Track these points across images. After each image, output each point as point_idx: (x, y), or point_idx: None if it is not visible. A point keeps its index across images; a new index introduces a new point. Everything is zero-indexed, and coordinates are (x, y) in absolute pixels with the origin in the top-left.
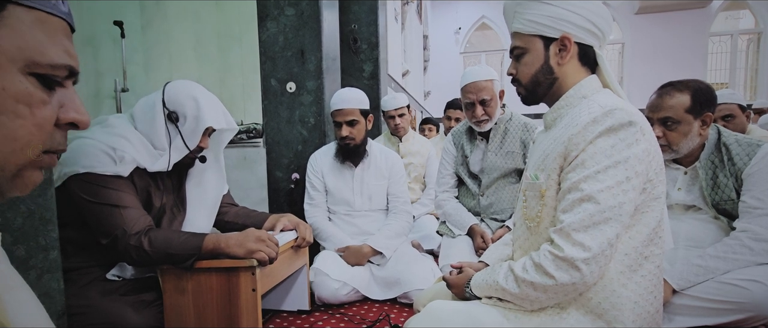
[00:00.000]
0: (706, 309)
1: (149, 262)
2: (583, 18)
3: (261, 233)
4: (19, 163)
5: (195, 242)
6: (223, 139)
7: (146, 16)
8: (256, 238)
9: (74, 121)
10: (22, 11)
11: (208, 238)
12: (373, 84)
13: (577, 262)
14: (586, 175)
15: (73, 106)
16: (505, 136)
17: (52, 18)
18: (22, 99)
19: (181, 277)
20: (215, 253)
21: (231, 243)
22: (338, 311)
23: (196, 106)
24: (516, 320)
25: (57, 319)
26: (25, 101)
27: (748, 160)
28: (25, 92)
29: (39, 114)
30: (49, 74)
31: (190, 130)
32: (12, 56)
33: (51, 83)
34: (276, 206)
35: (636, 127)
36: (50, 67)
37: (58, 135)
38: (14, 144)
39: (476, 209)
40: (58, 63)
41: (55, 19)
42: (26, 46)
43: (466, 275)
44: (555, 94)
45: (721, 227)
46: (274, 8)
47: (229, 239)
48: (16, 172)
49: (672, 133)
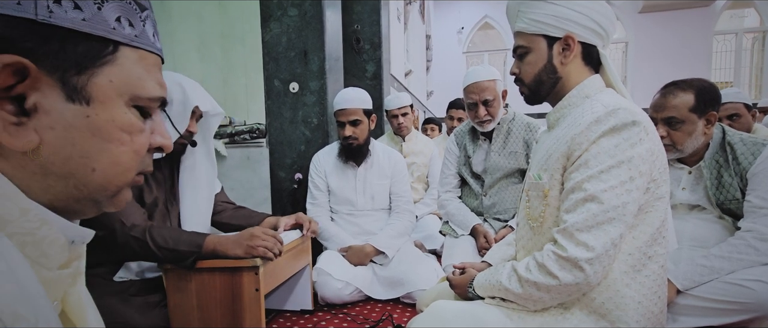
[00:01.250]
0: (711, 309)
1: (151, 255)
2: (587, 17)
3: (255, 230)
4: (120, 185)
5: (197, 240)
6: (211, 126)
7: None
8: (251, 235)
9: (161, 146)
10: (130, 51)
11: (209, 239)
12: (376, 84)
13: (580, 262)
14: (589, 175)
15: (160, 131)
16: (508, 136)
17: (151, 55)
18: (126, 128)
19: (185, 277)
20: (215, 254)
21: (229, 245)
22: (341, 311)
23: (181, 91)
24: (519, 320)
25: None
26: (128, 130)
27: (753, 160)
28: (129, 123)
29: (137, 141)
30: (146, 106)
31: (178, 113)
32: (121, 91)
33: (146, 113)
34: (279, 206)
35: (639, 126)
36: (148, 99)
37: (147, 158)
38: (117, 168)
39: (479, 209)
40: (155, 96)
41: (153, 55)
42: (131, 82)
43: (469, 275)
44: (558, 94)
45: (725, 227)
46: (277, 9)
47: (227, 240)
48: (116, 192)
49: (676, 133)
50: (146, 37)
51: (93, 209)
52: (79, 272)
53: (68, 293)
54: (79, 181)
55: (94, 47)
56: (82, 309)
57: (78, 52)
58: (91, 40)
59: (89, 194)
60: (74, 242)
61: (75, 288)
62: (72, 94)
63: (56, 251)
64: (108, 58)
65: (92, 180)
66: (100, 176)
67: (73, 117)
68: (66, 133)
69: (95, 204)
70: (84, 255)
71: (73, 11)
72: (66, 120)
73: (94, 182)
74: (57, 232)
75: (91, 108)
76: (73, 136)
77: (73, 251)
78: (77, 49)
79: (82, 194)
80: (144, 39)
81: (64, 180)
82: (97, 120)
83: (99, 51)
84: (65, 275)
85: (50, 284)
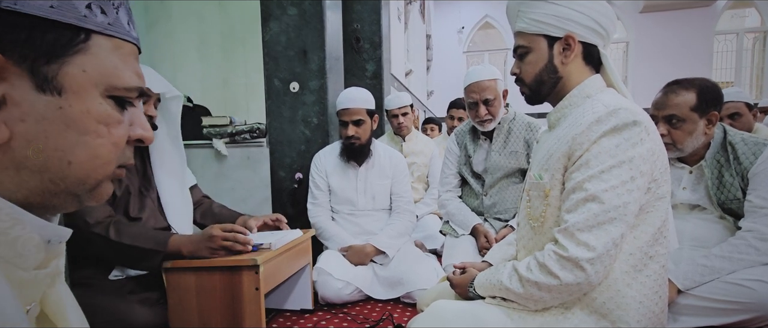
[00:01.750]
0: (712, 309)
1: (112, 253)
2: (588, 17)
3: (214, 230)
4: (99, 178)
5: (162, 238)
6: (173, 110)
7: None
8: (210, 236)
9: (141, 138)
10: (103, 40)
11: (173, 238)
12: (376, 84)
13: (581, 262)
14: (590, 174)
15: (140, 123)
16: (508, 136)
17: (126, 44)
18: (103, 120)
19: (185, 276)
20: (180, 254)
21: (191, 246)
22: (341, 311)
23: None
24: (520, 319)
25: None
26: (105, 122)
27: (754, 160)
28: (105, 114)
29: (115, 133)
30: (123, 96)
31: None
32: (95, 81)
33: (124, 103)
34: (279, 205)
35: (640, 126)
36: (125, 89)
37: (128, 150)
38: (96, 161)
39: (479, 209)
40: (132, 85)
41: (128, 44)
42: (106, 72)
43: (470, 274)
44: (559, 94)
45: (726, 227)
46: (277, 8)
47: (189, 241)
48: (95, 185)
49: (677, 132)
50: (120, 25)
51: (73, 204)
52: (58, 271)
53: (47, 293)
54: (55, 175)
55: (65, 35)
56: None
57: (47, 40)
58: (61, 28)
59: (67, 188)
60: (51, 242)
61: (54, 289)
62: (43, 84)
63: (31, 250)
64: (80, 46)
65: (69, 174)
66: (77, 169)
67: (45, 108)
68: (38, 126)
69: (74, 198)
70: (63, 254)
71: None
72: (38, 112)
73: (71, 176)
74: (31, 231)
75: (64, 99)
76: (46, 128)
77: (50, 250)
78: (46, 37)
79: (59, 189)
80: (118, 27)
81: (39, 174)
82: (71, 111)
83: (70, 39)
84: (43, 276)
85: (27, 285)
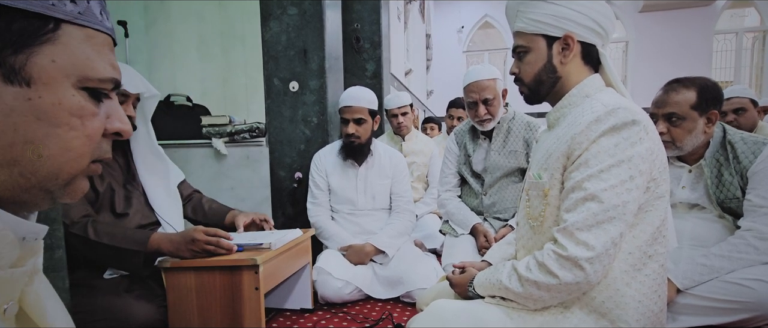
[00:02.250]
0: (711, 309)
1: (93, 254)
2: (587, 17)
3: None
4: (72, 172)
5: (141, 238)
6: (147, 108)
7: (150, 16)
8: (192, 239)
9: (119, 131)
10: (74, 29)
11: (153, 237)
12: (376, 83)
13: (580, 261)
14: (589, 174)
15: (117, 116)
16: (508, 136)
17: (99, 34)
18: (76, 112)
19: (184, 275)
20: (160, 253)
21: (172, 247)
22: (341, 310)
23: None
24: (519, 319)
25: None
26: (78, 114)
27: (753, 158)
28: (78, 105)
29: (89, 126)
30: (98, 88)
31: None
32: (66, 72)
33: (99, 96)
34: (279, 205)
35: (639, 126)
36: (99, 81)
37: (105, 144)
38: (68, 154)
39: (479, 209)
40: (106, 77)
41: (102, 34)
42: (78, 62)
43: (469, 274)
44: (558, 94)
45: (725, 226)
46: (277, 8)
47: (170, 241)
48: (69, 180)
49: (676, 130)
50: (92, 15)
51: (46, 200)
52: (37, 270)
53: (25, 292)
54: (25, 168)
55: (32, 24)
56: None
57: (13, 29)
58: (28, 17)
59: (38, 183)
60: (26, 239)
61: (32, 287)
62: (9, 75)
63: (5, 248)
64: (48, 36)
65: (40, 167)
66: (49, 162)
67: (13, 100)
68: (6, 118)
69: (47, 194)
70: (41, 252)
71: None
72: (5, 103)
73: (42, 170)
74: (4, 228)
75: (33, 90)
76: (15, 120)
77: (25, 248)
78: (12, 26)
79: (30, 183)
80: (90, 16)
81: (8, 168)
82: (40, 103)
83: (37, 29)
84: (19, 274)
85: (2, 283)
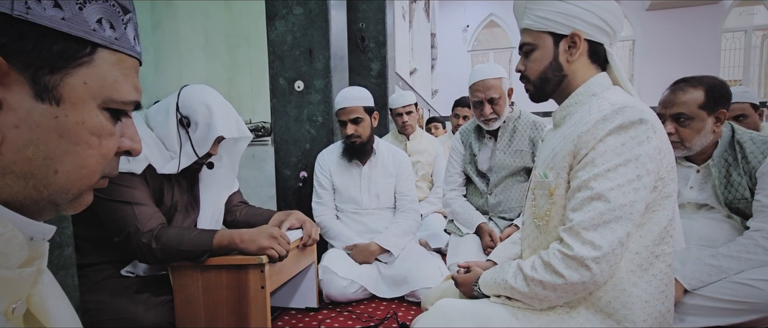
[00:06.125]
0: (719, 309)
1: (158, 260)
2: (594, 15)
3: (274, 230)
4: (82, 188)
5: (206, 239)
6: (239, 148)
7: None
8: (269, 235)
9: (129, 149)
10: (108, 54)
11: (220, 234)
12: (381, 82)
13: (587, 261)
14: (596, 173)
15: (130, 135)
16: (513, 135)
17: (129, 58)
18: (96, 131)
19: (191, 274)
20: (229, 248)
21: (245, 239)
22: (346, 309)
23: (208, 114)
24: (525, 318)
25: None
26: (98, 133)
27: (762, 159)
28: (99, 125)
29: (105, 145)
30: (119, 109)
31: (201, 137)
32: (94, 94)
33: (118, 115)
34: (284, 204)
35: (647, 124)
36: (122, 103)
37: (114, 161)
38: (82, 171)
39: (484, 208)
40: (130, 100)
41: (131, 59)
42: (106, 85)
43: (475, 273)
44: (564, 92)
45: (734, 227)
46: (283, 7)
47: (242, 234)
48: (77, 195)
49: (684, 130)
50: (126, 40)
51: (51, 212)
52: (41, 270)
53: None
54: (40, 182)
55: (71, 47)
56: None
57: (53, 51)
58: (69, 41)
59: (49, 196)
60: (34, 239)
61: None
62: (42, 93)
63: (15, 249)
64: (84, 59)
65: (54, 182)
66: (62, 178)
67: (40, 117)
68: (31, 133)
69: (54, 206)
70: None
71: (52, 9)
72: (33, 119)
73: (55, 184)
74: (14, 229)
75: (61, 109)
76: (39, 136)
77: (33, 248)
78: (53, 48)
79: (41, 196)
80: (124, 42)
81: (24, 180)
82: (66, 121)
83: (76, 52)
84: (27, 274)
85: (11, 283)
